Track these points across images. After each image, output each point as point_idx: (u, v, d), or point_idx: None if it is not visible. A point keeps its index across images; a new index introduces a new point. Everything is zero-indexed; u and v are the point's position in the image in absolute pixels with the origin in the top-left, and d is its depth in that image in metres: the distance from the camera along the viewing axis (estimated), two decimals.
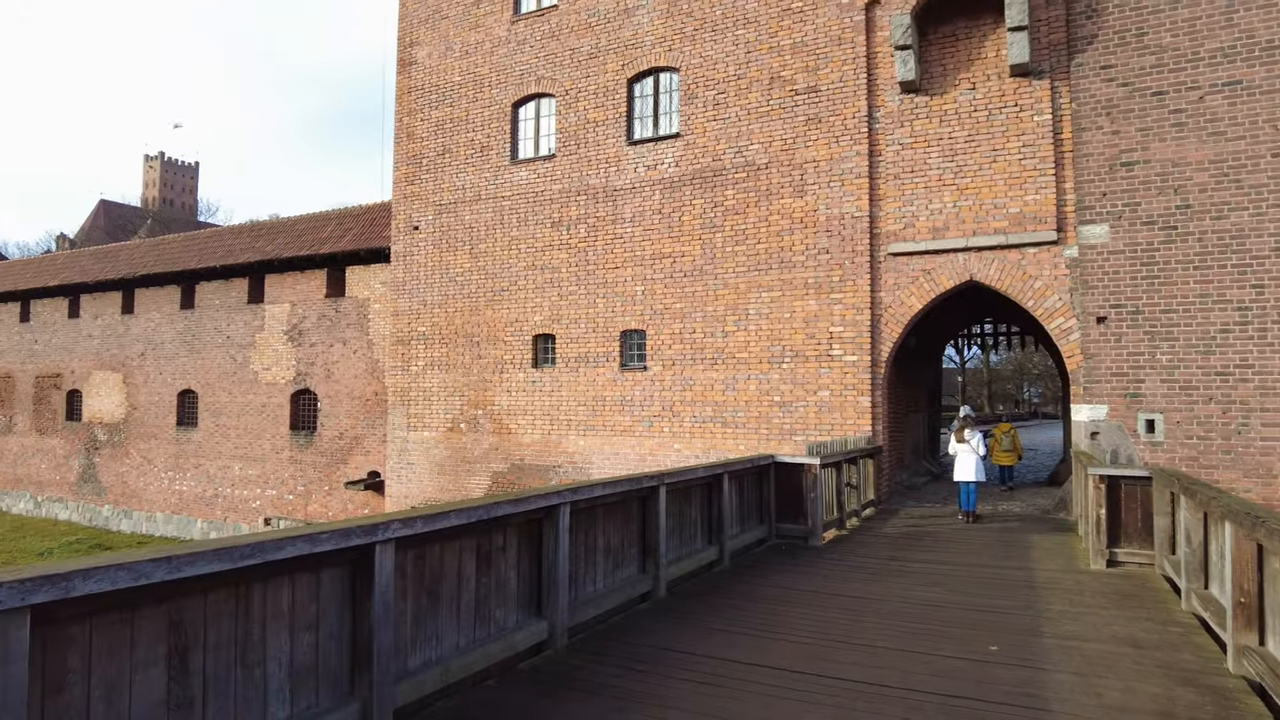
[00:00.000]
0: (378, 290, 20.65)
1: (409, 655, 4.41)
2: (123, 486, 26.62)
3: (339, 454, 21.30)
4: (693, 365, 14.84)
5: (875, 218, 13.57)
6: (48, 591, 2.61)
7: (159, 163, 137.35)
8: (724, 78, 14.93)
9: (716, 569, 8.43)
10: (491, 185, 17.49)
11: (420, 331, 18.30)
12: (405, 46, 19.09)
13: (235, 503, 23.49)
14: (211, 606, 3.36)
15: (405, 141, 18.81)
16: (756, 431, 14.18)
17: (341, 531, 3.80)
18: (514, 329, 16.99)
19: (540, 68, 17.03)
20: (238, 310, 23.80)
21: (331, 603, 3.94)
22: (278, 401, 22.66)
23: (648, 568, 7.09)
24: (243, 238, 24.97)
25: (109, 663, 2.97)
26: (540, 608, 5.57)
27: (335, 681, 3.96)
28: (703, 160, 15.02)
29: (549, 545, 5.59)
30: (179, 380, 25.21)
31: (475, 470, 17.30)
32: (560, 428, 16.23)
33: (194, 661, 3.30)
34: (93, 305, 28.18)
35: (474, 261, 17.62)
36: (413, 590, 4.45)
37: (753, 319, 14.36)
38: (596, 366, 15.89)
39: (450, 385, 17.80)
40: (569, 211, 16.42)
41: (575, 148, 16.43)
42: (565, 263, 16.39)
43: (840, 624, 6.33)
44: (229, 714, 3.44)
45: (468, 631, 4.89)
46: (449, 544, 4.73)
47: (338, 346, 21.44)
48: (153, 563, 2.95)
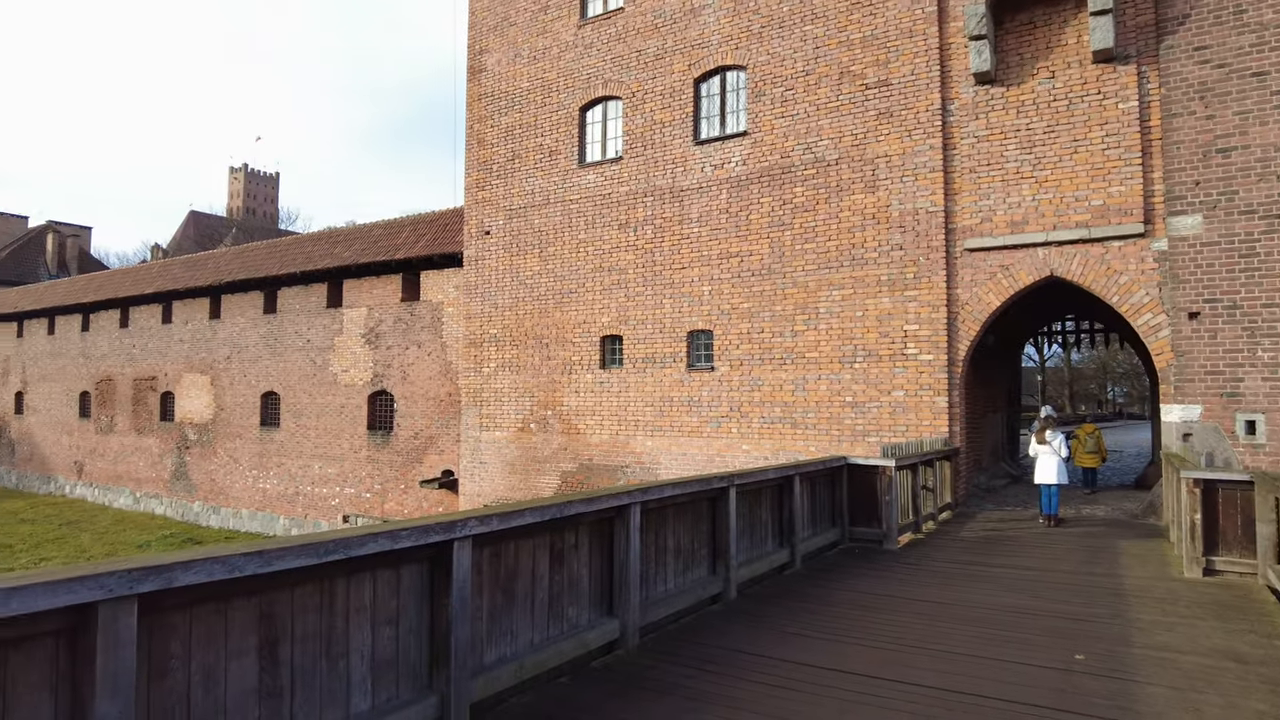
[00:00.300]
0: (451, 294, 21.10)
1: (485, 651, 4.49)
2: (211, 484, 27.88)
3: (414, 453, 21.85)
4: (761, 365, 14.71)
5: (950, 212, 13.21)
6: (153, 581, 2.76)
7: (242, 174, 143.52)
8: (792, 74, 14.76)
9: (788, 572, 8.34)
10: (560, 189, 17.69)
11: (492, 334, 18.64)
12: (475, 54, 19.47)
13: (315, 500, 24.33)
14: (298, 600, 3.49)
15: (476, 148, 19.18)
16: (827, 433, 13.97)
17: (421, 528, 3.90)
18: (582, 330, 17.14)
19: (607, 70, 17.15)
20: (317, 314, 24.65)
21: (411, 598, 4.04)
22: (356, 402, 23.38)
23: (718, 569, 7.05)
24: (321, 244, 25.86)
25: (206, 651, 3.12)
26: (612, 607, 5.60)
27: (414, 675, 4.05)
28: (771, 158, 14.87)
29: (620, 544, 5.62)
30: (262, 382, 26.25)
31: (545, 469, 17.52)
32: (628, 428, 16.29)
33: (283, 652, 3.42)
34: (184, 311, 29.61)
35: (543, 264, 17.84)
36: (488, 587, 4.52)
37: (823, 318, 14.15)
38: (663, 367, 15.90)
39: (520, 386, 18.07)
40: (636, 213, 16.48)
41: (642, 149, 16.49)
42: (632, 264, 16.46)
43: (917, 629, 6.18)
44: (315, 704, 3.56)
45: (541, 628, 4.95)
46: (523, 542, 4.80)
47: (413, 349, 22.00)
48: (244, 557, 3.08)
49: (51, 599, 2.51)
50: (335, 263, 23.73)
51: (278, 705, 3.39)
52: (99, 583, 2.61)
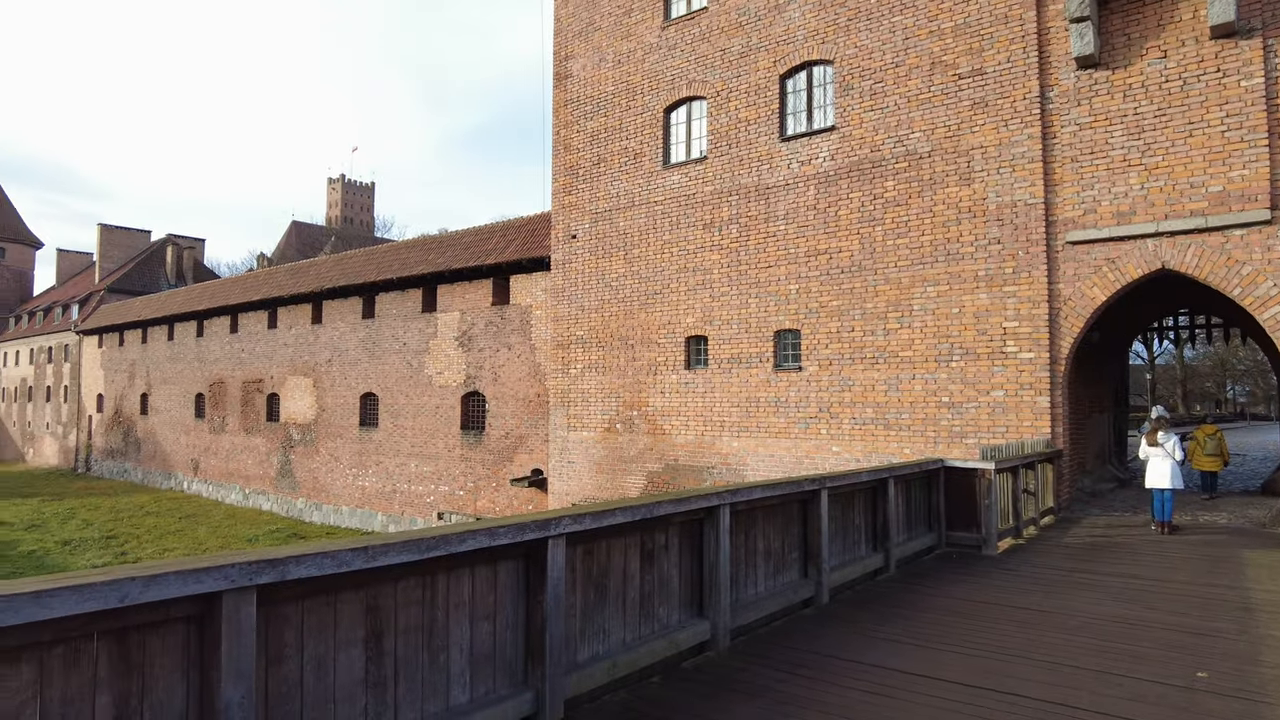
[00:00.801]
0: (539, 297, 21.50)
1: (578, 648, 4.55)
2: (314, 481, 29.22)
3: (505, 452, 22.35)
4: (852, 365, 14.41)
5: (1051, 204, 12.63)
6: (269, 574, 2.92)
7: (340, 184, 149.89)
8: (881, 66, 14.41)
9: (882, 577, 8.14)
10: (644, 191, 17.78)
11: (578, 335, 18.88)
12: (561, 60, 19.77)
13: (411, 498, 25.18)
14: (402, 594, 3.62)
15: (562, 153, 19.48)
16: (923, 434, 13.57)
17: (517, 526, 3.98)
18: (667, 331, 17.17)
19: (691, 71, 17.13)
20: (413, 319, 25.51)
21: (508, 594, 4.13)
22: (449, 403, 24.09)
23: (809, 573, 6.95)
24: (416, 251, 26.74)
25: (317, 641, 3.27)
26: (702, 608, 5.59)
27: (511, 670, 4.14)
28: (860, 152, 14.56)
29: (710, 546, 5.61)
30: (361, 384, 27.35)
31: (631, 470, 17.63)
32: (714, 429, 16.23)
33: (387, 644, 3.55)
34: (288, 317, 31.13)
35: (628, 266, 17.97)
36: (581, 585, 4.58)
37: (917, 315, 13.75)
38: (750, 367, 15.77)
39: (607, 387, 18.24)
40: (721, 212, 16.40)
41: (727, 148, 16.40)
42: (717, 264, 16.39)
43: (1019, 638, 5.93)
44: (416, 695, 3.68)
45: (633, 628, 4.98)
46: (614, 541, 4.84)
47: (503, 351, 22.51)
48: (352, 552, 3.22)
49: (182, 587, 2.68)
50: (429, 269, 24.51)
51: (382, 695, 3.52)
52: (223, 574, 2.78)
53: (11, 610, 2.30)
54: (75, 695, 2.57)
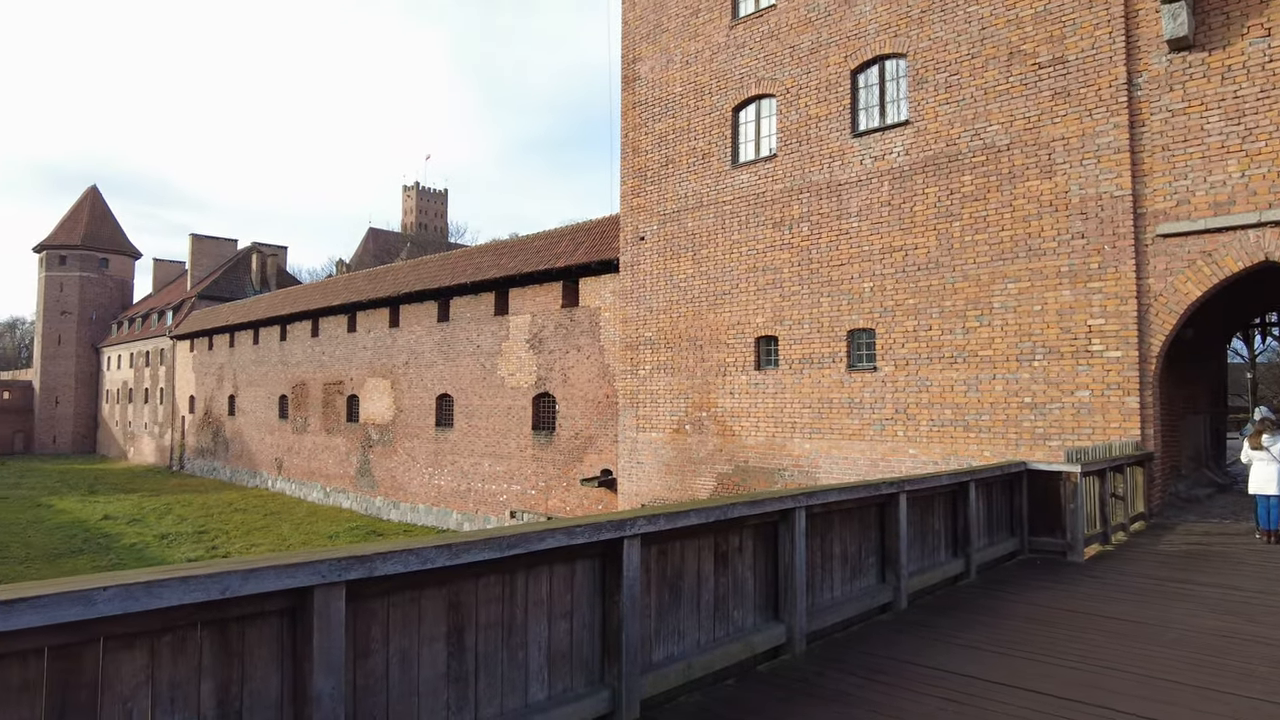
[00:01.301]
0: (608, 299, 21.65)
1: (653, 648, 4.55)
2: (391, 480, 30.06)
3: (575, 452, 22.57)
4: (929, 365, 14.05)
5: (1140, 196, 12.07)
6: (358, 570, 3.02)
7: (414, 192, 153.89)
8: (956, 58, 14.02)
9: (962, 583, 7.91)
10: (713, 191, 17.71)
11: (647, 337, 18.94)
12: (629, 63, 19.87)
13: (485, 496, 25.66)
14: (482, 591, 3.69)
15: (631, 156, 19.57)
16: (1003, 436, 13.13)
17: (593, 526, 4.02)
18: (736, 331, 17.07)
19: (760, 69, 17.00)
20: (485, 322, 26.01)
21: (584, 593, 4.17)
22: (521, 404, 24.47)
23: (887, 578, 6.81)
24: (488, 256, 27.26)
25: (402, 635, 3.36)
26: (777, 611, 5.53)
27: (587, 668, 4.17)
28: (935, 146, 14.19)
29: (785, 548, 5.54)
30: (437, 386, 28.01)
31: (701, 471, 17.58)
32: (785, 430, 16.05)
33: (468, 640, 3.63)
34: (366, 321, 32.11)
35: (696, 267, 17.93)
36: (656, 585, 4.59)
37: (997, 313, 13.32)
38: (822, 368, 15.53)
39: (675, 388, 18.24)
40: (791, 210, 16.22)
41: (797, 145, 16.21)
42: (787, 263, 16.20)
43: (1108, 649, 5.68)
44: (496, 690, 3.74)
45: (708, 629, 4.96)
46: (688, 542, 4.83)
47: (572, 353, 22.75)
48: (436, 549, 3.30)
49: (277, 581, 2.80)
50: (501, 273, 24.96)
51: (464, 690, 3.60)
52: (314, 569, 2.89)
53: (129, 599, 2.45)
54: (182, 680, 2.70)
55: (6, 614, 2.21)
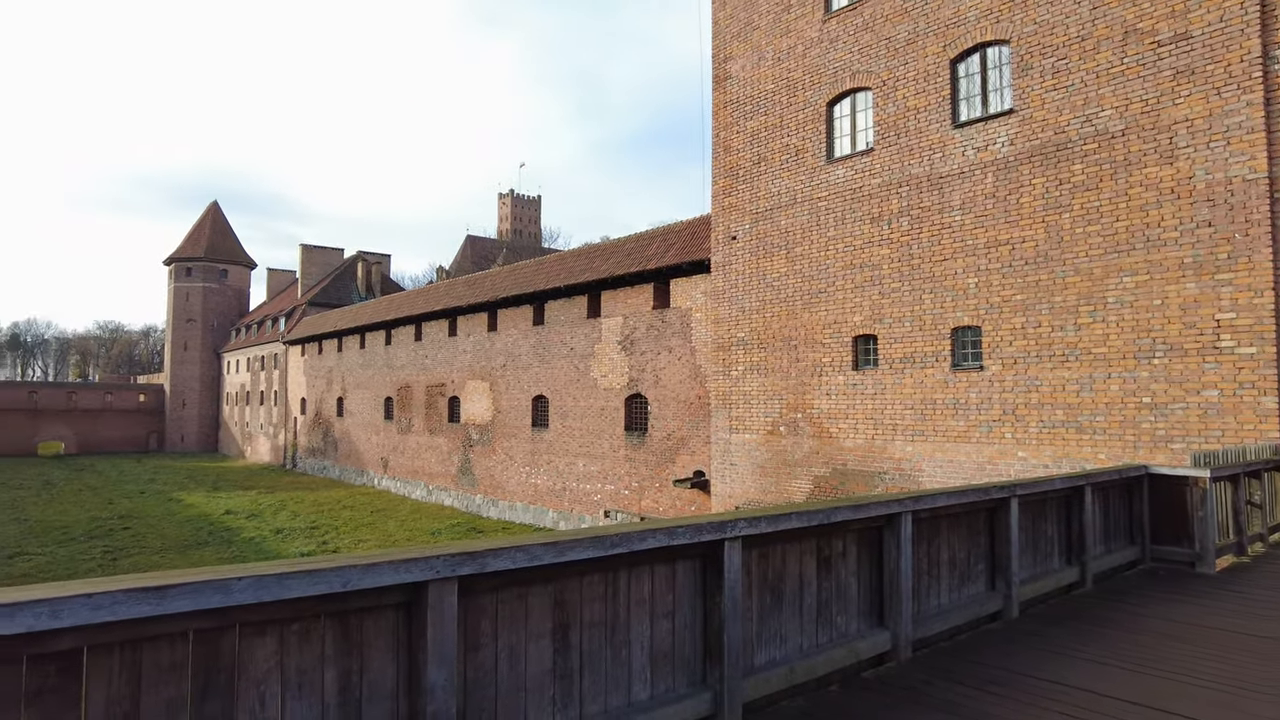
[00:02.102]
0: (699, 300, 21.61)
1: (755, 652, 4.51)
2: (490, 479, 30.86)
3: (667, 453, 22.62)
4: (1038, 363, 13.41)
5: (1277, 179, 11.18)
6: (469, 566, 3.11)
7: (509, 199, 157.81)
8: (1064, 41, 13.34)
9: (1077, 592, 7.51)
10: (807, 187, 17.43)
11: (739, 337, 18.79)
12: (719, 63, 19.78)
13: (579, 496, 26.03)
14: (586, 589, 3.73)
15: (722, 155, 19.48)
16: (1120, 438, 12.40)
17: (694, 527, 4.01)
18: (832, 331, 16.73)
19: (854, 62, 16.63)
20: (579, 324, 26.40)
21: (685, 593, 4.17)
22: (614, 405, 24.71)
23: (997, 585, 6.53)
24: (581, 260, 27.66)
25: (510, 631, 3.44)
26: (882, 617, 5.40)
27: (689, 669, 4.17)
28: (1042, 135, 13.54)
29: (890, 554, 5.41)
30: (533, 387, 28.61)
31: (796, 473, 17.31)
32: (885, 432, 15.62)
33: (573, 637, 3.68)
34: (466, 325, 33.09)
35: (790, 265, 17.68)
36: (757, 588, 4.55)
37: (1112, 308, 12.59)
38: (924, 367, 15.05)
39: (769, 389, 18.02)
40: (889, 205, 15.78)
41: (895, 138, 15.77)
42: (886, 259, 15.78)
43: (1255, 670, 5.26)
44: (600, 688, 3.78)
45: (810, 634, 4.89)
46: (790, 546, 4.77)
47: (664, 354, 22.81)
48: (542, 547, 3.36)
49: (394, 576, 2.92)
50: (593, 276, 25.28)
51: (569, 686, 3.65)
52: (429, 564, 2.99)
53: (262, 589, 2.61)
54: (308, 668, 2.85)
55: (160, 599, 2.40)
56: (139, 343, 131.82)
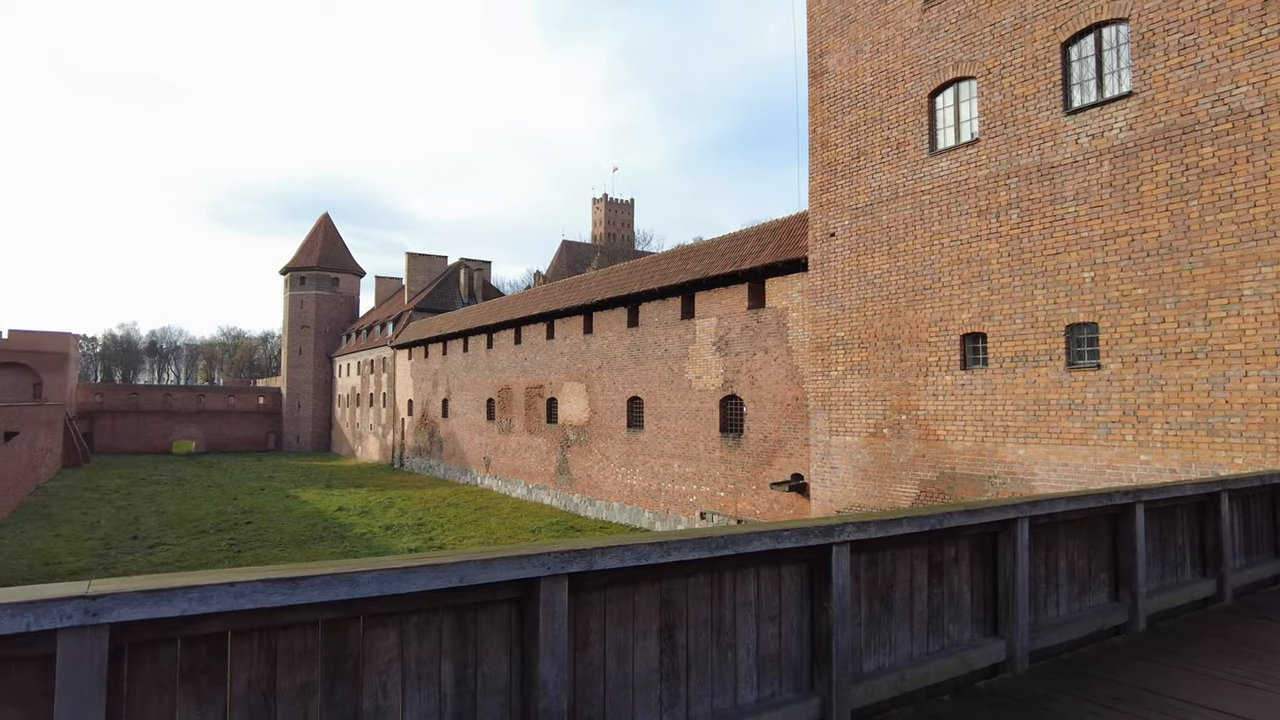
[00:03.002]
0: (795, 299, 21.29)
1: (864, 658, 4.42)
2: (587, 479, 31.28)
3: (764, 455, 22.38)
4: (1163, 361, 12.59)
5: None
6: (579, 563, 3.17)
7: (603, 203, 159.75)
8: (1190, 16, 12.47)
9: (1213, 606, 7.01)
10: (909, 181, 16.92)
11: (839, 337, 18.40)
12: (815, 57, 19.45)
13: (675, 497, 26.06)
14: (692, 590, 3.74)
15: (819, 150, 19.14)
16: (1260, 441, 11.49)
17: (800, 530, 3.96)
18: (938, 329, 16.17)
19: (957, 51, 16.04)
20: (673, 326, 26.45)
21: (792, 597, 4.12)
22: (708, 406, 24.63)
23: (1121, 596, 6.17)
24: (674, 261, 27.71)
25: (618, 629, 3.48)
26: (996, 626, 5.19)
27: (796, 674, 4.12)
28: (1166, 117, 12.71)
29: (1005, 561, 5.19)
30: (628, 389, 28.84)
31: (900, 477, 16.81)
32: (995, 434, 14.98)
33: (679, 637, 3.69)
34: (563, 328, 33.67)
35: (892, 262, 17.19)
36: (866, 593, 4.46)
37: (1249, 301, 11.68)
38: (1037, 366, 14.35)
39: (871, 390, 17.58)
40: (998, 197, 15.14)
41: (1001, 128, 15.12)
42: (995, 253, 15.13)
43: None
44: (707, 690, 3.77)
45: (920, 642, 4.75)
46: (900, 551, 4.65)
47: (759, 355, 22.58)
48: (650, 546, 3.38)
49: (508, 572, 3.00)
50: (687, 277, 25.28)
51: (675, 686, 3.66)
52: (541, 561, 3.06)
53: (385, 582, 2.73)
54: (427, 659, 2.97)
55: (293, 589, 2.56)
56: (258, 348, 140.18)
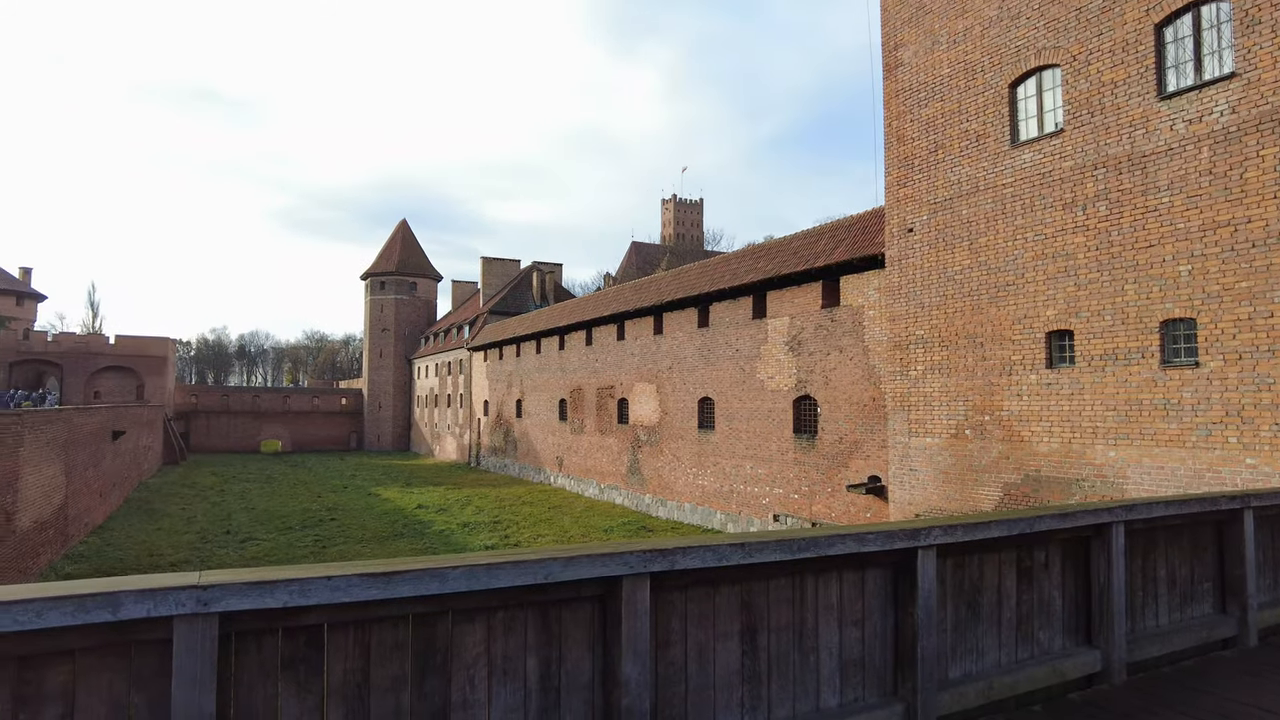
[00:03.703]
0: (871, 297, 20.87)
1: (949, 665, 4.31)
2: (658, 479, 31.32)
3: (839, 457, 22.00)
4: (1269, 358, 11.86)
5: None
6: (660, 563, 3.17)
7: (672, 204, 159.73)
8: None
9: None
10: (989, 174, 16.39)
11: (918, 335, 17.95)
12: (890, 50, 19.03)
13: (747, 499, 25.86)
14: (773, 592, 3.70)
15: (895, 145, 18.72)
16: None
17: (885, 534, 3.88)
18: (1022, 326, 15.61)
19: (1040, 38, 15.45)
20: (744, 326, 26.25)
21: (875, 601, 4.04)
22: (781, 407, 24.36)
23: (1229, 608, 5.84)
24: (745, 260, 27.51)
25: (699, 630, 3.47)
26: (1090, 636, 4.98)
27: (880, 679, 4.04)
28: (1274, 99, 11.96)
29: (1099, 567, 4.98)
30: (698, 389, 28.76)
31: (983, 480, 16.29)
32: (1083, 436, 14.37)
33: (760, 640, 3.66)
34: (633, 329, 33.81)
35: (973, 257, 16.68)
36: (952, 598, 4.34)
37: None
38: (1128, 364, 13.71)
39: (952, 389, 17.09)
40: (1084, 189, 14.52)
41: (1089, 116, 14.49)
42: (1082, 247, 14.52)
43: None
44: (788, 693, 3.73)
45: (1009, 649, 4.60)
46: (988, 555, 4.51)
47: (834, 354, 22.21)
48: (731, 547, 3.37)
49: (591, 569, 3.02)
50: (758, 276, 25.05)
51: (757, 688, 3.63)
52: (623, 560, 3.08)
53: (473, 578, 2.79)
54: (512, 654, 3.02)
55: (386, 584, 2.64)
56: (340, 350, 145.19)
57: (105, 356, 62.15)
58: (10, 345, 60.10)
